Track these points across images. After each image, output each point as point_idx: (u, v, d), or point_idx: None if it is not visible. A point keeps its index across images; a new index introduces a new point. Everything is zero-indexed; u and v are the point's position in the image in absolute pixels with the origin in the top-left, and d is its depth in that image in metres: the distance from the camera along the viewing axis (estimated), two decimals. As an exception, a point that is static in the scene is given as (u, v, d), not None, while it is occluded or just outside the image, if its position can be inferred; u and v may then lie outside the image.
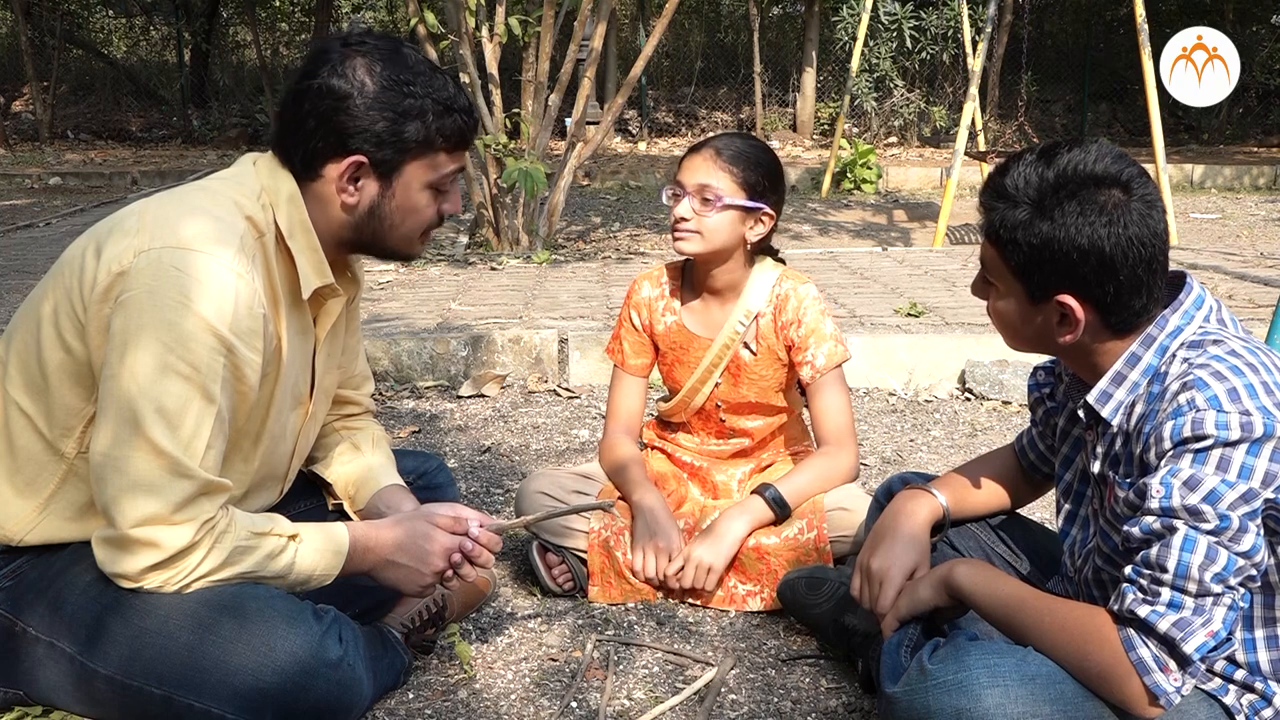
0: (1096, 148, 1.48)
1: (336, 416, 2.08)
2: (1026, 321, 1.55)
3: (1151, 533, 1.39)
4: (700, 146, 2.32)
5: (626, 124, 14.33)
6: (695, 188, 2.26)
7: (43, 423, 1.65)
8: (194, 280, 1.55)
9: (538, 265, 5.97)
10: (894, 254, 6.61)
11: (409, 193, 1.75)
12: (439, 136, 1.72)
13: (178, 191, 1.72)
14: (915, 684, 1.51)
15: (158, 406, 1.53)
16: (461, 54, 6.14)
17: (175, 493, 1.54)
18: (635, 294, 2.48)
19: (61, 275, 1.65)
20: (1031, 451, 1.89)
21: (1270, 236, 7.13)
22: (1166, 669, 1.38)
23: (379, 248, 1.81)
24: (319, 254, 1.75)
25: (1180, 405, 1.39)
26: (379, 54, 1.71)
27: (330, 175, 1.71)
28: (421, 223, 1.79)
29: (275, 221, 1.71)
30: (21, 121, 14.51)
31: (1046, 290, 1.49)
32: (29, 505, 1.68)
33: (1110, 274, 1.45)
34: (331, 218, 1.75)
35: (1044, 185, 1.46)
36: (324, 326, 1.86)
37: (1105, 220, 1.43)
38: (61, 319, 1.62)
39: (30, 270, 5.82)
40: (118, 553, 1.57)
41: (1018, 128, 13.71)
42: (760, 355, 2.39)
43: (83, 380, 1.63)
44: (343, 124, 1.68)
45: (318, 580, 1.71)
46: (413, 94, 1.69)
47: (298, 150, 1.71)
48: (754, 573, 2.25)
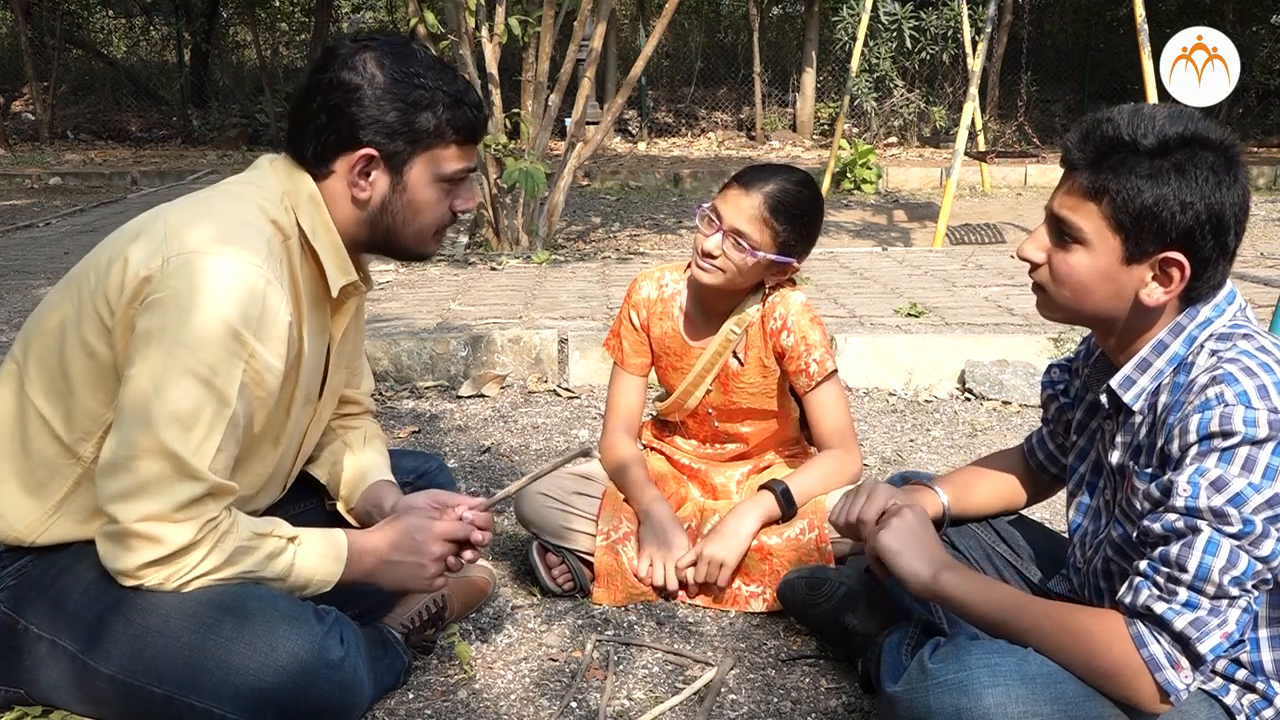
0: (1186, 109, 1.48)
1: (335, 416, 2.08)
2: (1108, 280, 1.49)
3: (1173, 530, 1.38)
4: (751, 185, 2.22)
5: (626, 124, 14.33)
6: (732, 229, 2.21)
7: (60, 426, 1.66)
8: (220, 285, 1.55)
9: (538, 265, 5.97)
10: (894, 254, 6.61)
11: (420, 187, 1.74)
12: (449, 128, 1.72)
13: (202, 196, 1.73)
14: (916, 683, 1.51)
15: (173, 409, 1.53)
16: (461, 54, 6.14)
17: (181, 493, 1.54)
18: (635, 293, 2.48)
19: (86, 279, 1.65)
20: (1040, 451, 1.89)
21: (1270, 236, 7.13)
22: (1178, 666, 1.38)
23: (392, 246, 1.80)
24: (342, 252, 1.76)
25: (1208, 398, 1.38)
26: (388, 49, 1.71)
27: (341, 170, 1.72)
28: (434, 219, 1.79)
29: (298, 223, 1.71)
30: (21, 121, 14.51)
31: (1149, 248, 1.45)
32: (40, 508, 1.68)
33: (1221, 235, 1.44)
34: (345, 215, 1.75)
35: (1167, 140, 1.43)
36: (340, 325, 1.87)
37: (1231, 180, 1.43)
38: (85, 324, 1.62)
39: (30, 270, 5.82)
40: (119, 548, 1.57)
41: (1018, 128, 13.69)
42: (748, 365, 2.38)
43: (105, 385, 1.63)
44: (353, 115, 1.68)
45: (317, 585, 1.71)
46: (423, 85, 1.70)
47: (309, 145, 1.72)
48: (757, 573, 2.25)
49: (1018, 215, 8.96)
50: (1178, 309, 1.50)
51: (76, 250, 6.57)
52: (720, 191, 2.28)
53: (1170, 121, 1.44)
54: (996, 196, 9.86)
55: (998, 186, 10.24)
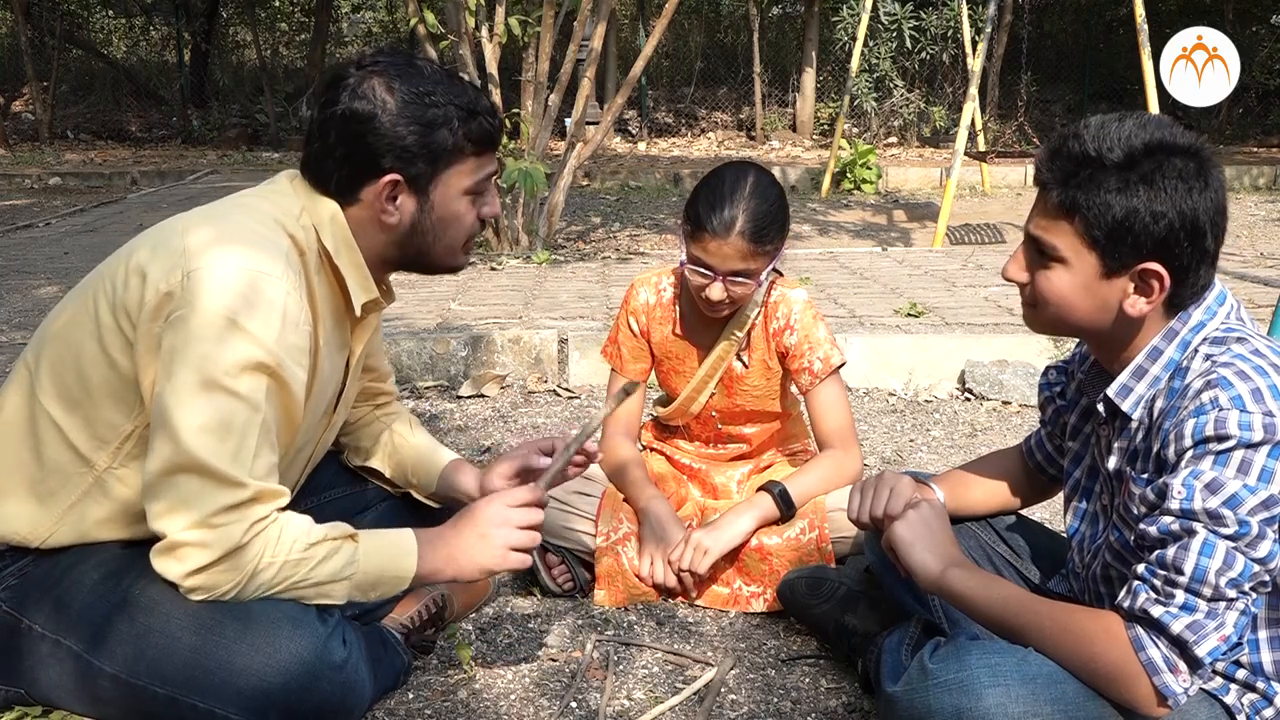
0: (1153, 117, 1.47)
1: (371, 407, 2.14)
2: (1090, 295, 1.49)
3: (1169, 533, 1.38)
4: (721, 228, 2.15)
5: (626, 124, 14.33)
6: (726, 272, 2.20)
7: (76, 435, 1.65)
8: (243, 297, 1.56)
9: (537, 265, 5.97)
10: (894, 254, 6.61)
11: (447, 203, 1.76)
12: (467, 142, 1.73)
13: (219, 209, 1.73)
14: (916, 683, 1.51)
15: (202, 422, 1.53)
16: (461, 54, 6.14)
17: (222, 499, 1.54)
18: (633, 300, 2.47)
19: (103, 289, 1.65)
20: (1039, 451, 1.89)
21: (1270, 236, 7.13)
22: (1176, 670, 1.38)
23: (424, 263, 1.82)
24: (364, 270, 1.77)
25: (1203, 403, 1.39)
26: (395, 70, 1.71)
27: (368, 198, 1.73)
28: (464, 231, 1.80)
29: (319, 240, 1.72)
30: (21, 121, 14.50)
31: (1126, 260, 1.45)
32: (48, 514, 1.68)
33: (1198, 240, 1.43)
34: (374, 239, 1.76)
35: (1133, 151, 1.42)
36: (360, 340, 1.88)
37: (1203, 184, 1.42)
38: (106, 335, 1.62)
39: (30, 270, 5.81)
40: (169, 559, 1.57)
41: (1017, 128, 13.75)
42: (752, 367, 2.38)
43: (126, 397, 1.63)
44: (371, 145, 1.69)
45: (391, 582, 1.70)
46: (435, 104, 1.70)
47: (332, 178, 1.73)
48: (757, 573, 2.25)
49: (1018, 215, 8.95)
50: (1166, 315, 1.50)
51: (76, 250, 6.56)
52: (695, 239, 2.19)
53: (1136, 131, 1.44)
54: (996, 196, 9.86)
55: (998, 186, 10.24)
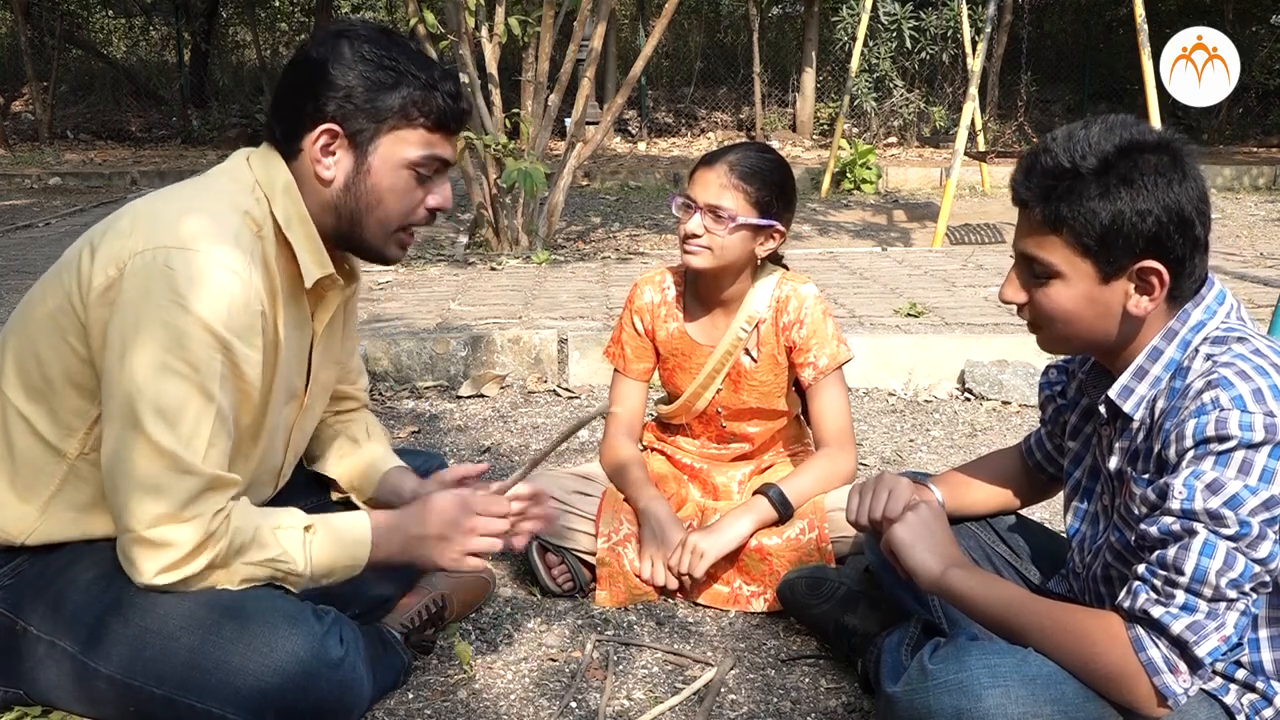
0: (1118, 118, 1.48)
1: (331, 412, 2.09)
2: (1092, 303, 1.49)
3: (1170, 534, 1.38)
4: (714, 160, 2.28)
5: (626, 124, 14.32)
6: (708, 205, 2.24)
7: (43, 425, 1.65)
8: (189, 279, 1.55)
9: (537, 265, 5.97)
10: (894, 254, 6.61)
11: (385, 170, 1.71)
12: (415, 109, 1.69)
13: (172, 190, 1.72)
14: (915, 684, 1.50)
15: (156, 406, 1.53)
16: (461, 54, 6.14)
17: (181, 490, 1.55)
18: (637, 299, 2.47)
19: (60, 278, 1.65)
20: (1039, 451, 1.89)
21: (1270, 236, 7.13)
22: (1176, 670, 1.38)
23: (357, 236, 1.76)
24: (318, 243, 1.74)
25: (1204, 403, 1.38)
26: (367, 34, 1.71)
27: (306, 147, 1.70)
28: (399, 210, 1.74)
29: (272, 214, 1.70)
30: (21, 121, 14.50)
31: (1122, 262, 1.46)
32: (30, 508, 1.68)
33: (1188, 230, 1.44)
34: (313, 199, 1.72)
35: (1107, 156, 1.43)
36: (321, 320, 1.85)
37: (1181, 175, 1.43)
38: (62, 321, 1.62)
39: (30, 270, 5.81)
40: (134, 557, 1.57)
41: (1017, 128, 13.75)
42: (761, 362, 2.39)
43: (86, 383, 1.63)
44: (317, 90, 1.68)
45: (343, 570, 1.71)
46: (391, 66, 1.68)
47: (279, 125, 1.72)
48: (757, 574, 2.25)
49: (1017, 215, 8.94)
50: (1168, 312, 1.51)
51: (76, 250, 6.56)
52: (689, 178, 2.31)
53: (1105, 136, 1.45)
54: (996, 196, 9.86)
55: (998, 186, 10.22)
